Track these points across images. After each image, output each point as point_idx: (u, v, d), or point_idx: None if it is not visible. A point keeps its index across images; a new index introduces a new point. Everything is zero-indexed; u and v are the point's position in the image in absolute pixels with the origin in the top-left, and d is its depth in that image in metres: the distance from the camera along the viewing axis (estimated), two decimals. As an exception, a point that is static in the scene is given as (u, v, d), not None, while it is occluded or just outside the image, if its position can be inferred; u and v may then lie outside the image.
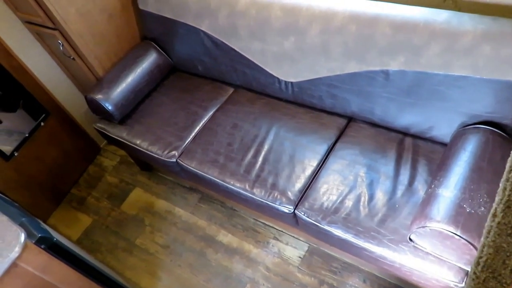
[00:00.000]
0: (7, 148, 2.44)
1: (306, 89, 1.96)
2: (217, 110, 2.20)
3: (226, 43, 2.08)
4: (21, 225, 1.50)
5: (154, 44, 2.41)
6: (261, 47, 1.98)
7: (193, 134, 2.13)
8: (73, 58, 2.29)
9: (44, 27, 2.19)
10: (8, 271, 1.32)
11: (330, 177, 1.77)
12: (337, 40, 1.75)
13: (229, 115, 2.13)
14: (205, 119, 2.18)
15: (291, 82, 1.99)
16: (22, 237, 1.36)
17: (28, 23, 2.28)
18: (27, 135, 2.52)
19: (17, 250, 1.33)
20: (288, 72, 1.97)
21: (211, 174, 1.94)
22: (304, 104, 2.06)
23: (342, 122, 1.96)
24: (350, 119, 1.97)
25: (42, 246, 1.48)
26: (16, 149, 2.48)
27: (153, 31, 2.39)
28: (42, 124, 2.57)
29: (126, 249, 2.43)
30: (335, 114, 1.99)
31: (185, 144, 2.10)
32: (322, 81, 1.87)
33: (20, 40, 2.34)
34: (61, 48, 2.24)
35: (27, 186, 2.57)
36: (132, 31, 2.45)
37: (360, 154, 1.79)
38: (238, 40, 2.03)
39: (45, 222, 2.71)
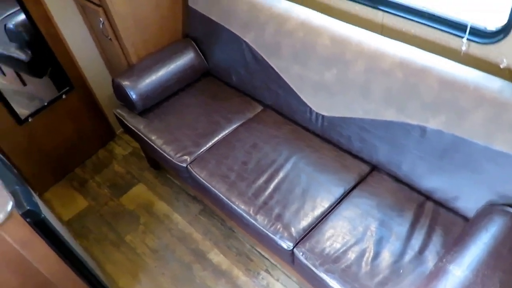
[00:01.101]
0: (24, 112, 2.51)
1: (337, 125, 1.95)
2: (240, 125, 2.21)
3: (266, 59, 2.10)
4: (13, 193, 1.52)
5: (194, 44, 2.45)
6: (300, 71, 1.99)
7: (210, 143, 2.14)
8: (110, 39, 2.36)
9: (89, 1, 2.27)
10: None
11: (339, 223, 1.74)
12: (380, 83, 1.74)
13: (251, 133, 2.14)
14: (227, 131, 2.19)
15: (323, 115, 1.98)
16: (10, 205, 1.37)
17: (76, -5, 2.37)
18: (45, 103, 2.59)
19: (0, 217, 1.34)
20: (322, 104, 1.97)
21: (218, 189, 1.94)
22: (330, 141, 2.04)
23: (365, 168, 1.93)
24: (374, 168, 1.94)
25: (28, 220, 1.49)
26: (32, 115, 2.54)
27: (196, 31, 2.43)
28: (63, 96, 2.63)
29: (114, 243, 2.44)
30: (360, 158, 1.96)
31: (199, 152, 2.11)
32: (355, 121, 1.86)
33: (63, 9, 2.42)
34: (101, 26, 2.31)
35: (32, 155, 2.63)
36: (175, 25, 2.50)
37: (376, 206, 1.76)
38: (279, 59, 2.05)
39: (41, 195, 2.76)
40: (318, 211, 1.79)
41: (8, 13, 2.32)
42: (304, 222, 1.76)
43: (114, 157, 2.94)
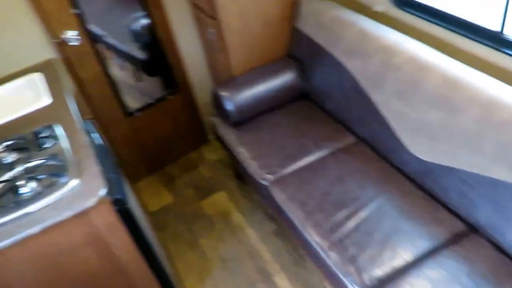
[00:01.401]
0: (134, 105, 2.70)
1: (434, 173, 1.78)
2: (329, 154, 2.13)
3: (367, 91, 2.00)
4: (108, 180, 1.62)
5: (296, 65, 2.42)
6: (401, 109, 1.86)
7: (295, 166, 2.09)
8: (218, 49, 2.42)
9: (205, 14, 2.36)
10: (78, 215, 1.44)
11: (420, 281, 1.57)
12: (493, 136, 1.55)
13: (339, 164, 2.05)
14: (314, 157, 2.12)
15: (420, 159, 1.82)
16: (103, 191, 1.46)
17: (194, 4, 2.48)
18: (152, 101, 2.75)
19: (93, 200, 1.43)
20: (421, 147, 1.81)
21: (295, 215, 1.88)
22: (424, 188, 1.87)
23: (461, 227, 1.73)
24: (471, 229, 1.73)
25: (116, 207, 1.58)
26: (139, 110, 2.73)
27: (299, 52, 2.41)
28: (168, 97, 2.77)
29: (189, 242, 2.50)
30: (456, 214, 1.77)
31: (283, 173, 2.08)
32: (456, 173, 1.68)
33: (181, 16, 2.57)
34: (211, 36, 2.38)
35: (133, 146, 2.81)
36: (280, 44, 2.50)
37: (467, 274, 1.56)
38: (380, 93, 1.94)
39: (134, 183, 2.92)
40: (398, 263, 1.64)
41: (135, 15, 2.51)
42: (379, 271, 1.63)
43: (202, 160, 3.02)
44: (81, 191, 1.46)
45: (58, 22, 2.21)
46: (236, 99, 2.29)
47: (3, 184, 1.51)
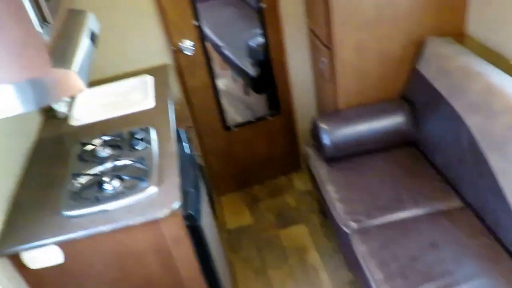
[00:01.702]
0: (236, 119, 2.77)
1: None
2: (426, 214, 1.90)
3: (486, 153, 1.74)
4: (185, 193, 1.62)
5: (408, 108, 2.23)
6: (525, 183, 1.58)
7: (384, 220, 1.90)
8: (327, 80, 2.33)
9: (320, 41, 2.29)
10: (148, 223, 1.45)
11: None
12: None
13: (436, 228, 1.81)
14: (408, 214, 1.91)
15: (537, 246, 1.53)
16: (177, 205, 1.45)
17: (311, 30, 2.43)
18: (253, 119, 2.76)
19: (165, 211, 1.44)
20: (542, 232, 1.51)
21: (372, 274, 1.70)
22: (536, 281, 1.56)
23: None
24: None
25: (186, 222, 1.56)
26: (238, 125, 2.74)
27: (415, 95, 2.21)
28: (268, 118, 2.75)
29: (257, 270, 2.42)
30: None
31: (369, 224, 1.90)
32: None
33: (296, 40, 2.54)
34: (322, 65, 2.30)
35: (226, 159, 2.83)
36: (395, 84, 2.33)
37: None
38: (502, 159, 1.67)
39: (219, 195, 2.94)
40: None
41: (254, 32, 2.54)
42: None
43: (291, 188, 2.93)
44: (156, 200, 1.47)
45: (179, 31, 2.31)
46: (335, 133, 2.17)
47: (91, 177, 1.59)
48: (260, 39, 2.53)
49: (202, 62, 2.44)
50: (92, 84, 2.29)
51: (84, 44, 1.37)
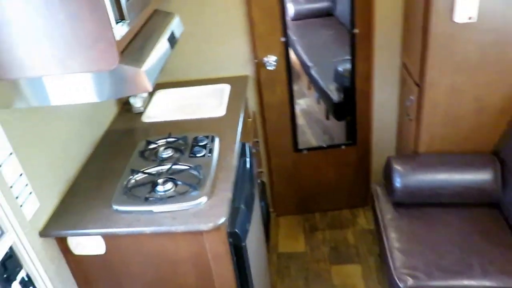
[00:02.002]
0: (310, 141, 2.72)
1: None
2: (497, 288, 1.66)
3: None
4: (235, 210, 1.57)
5: (497, 166, 1.98)
6: None
7: (445, 284, 1.70)
8: (411, 119, 2.16)
9: (411, 77, 2.13)
10: (191, 233, 1.42)
11: None
12: None
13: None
14: (473, 283, 1.69)
15: None
16: (222, 220, 1.41)
17: (403, 64, 2.28)
18: (325, 146, 2.65)
19: (209, 225, 1.40)
20: None
21: None
22: None
23: None
24: None
25: (230, 239, 1.52)
26: (309, 149, 2.66)
27: (509, 153, 1.96)
28: (342, 147, 2.63)
29: (299, 303, 2.30)
30: None
31: (426, 284, 1.71)
32: None
33: (386, 72, 2.40)
34: (409, 103, 2.14)
35: (290, 180, 2.76)
36: (487, 136, 2.09)
37: None
38: None
39: (277, 216, 2.86)
40: None
41: (343, 57, 2.45)
42: None
43: (353, 224, 2.77)
44: (203, 211, 1.43)
45: (265, 46, 2.30)
46: (409, 178, 2.00)
47: (147, 175, 1.60)
48: (348, 65, 2.43)
49: (283, 79, 2.40)
50: (172, 85, 2.35)
51: (161, 45, 1.38)
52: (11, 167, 1.32)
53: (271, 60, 2.32)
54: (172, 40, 1.48)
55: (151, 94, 2.28)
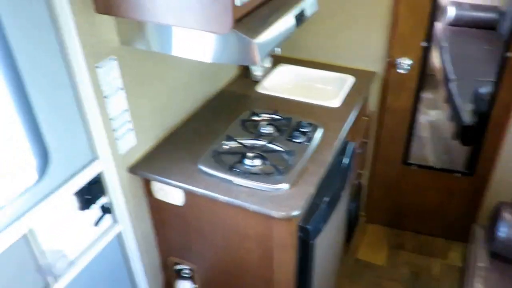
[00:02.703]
0: (425, 158, 2.49)
1: None
2: None
3: None
4: (314, 206, 1.48)
5: None
6: None
7: None
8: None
9: None
10: (262, 215, 1.38)
11: None
12: None
13: None
14: None
15: None
16: (295, 213, 1.35)
17: None
18: (436, 168, 2.38)
19: (280, 214, 1.34)
20: None
21: None
22: None
23: None
24: None
25: (300, 234, 1.45)
26: (419, 166, 2.42)
27: None
28: (457, 174, 2.33)
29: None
30: None
31: None
32: None
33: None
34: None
35: (390, 192, 2.55)
36: None
37: None
38: None
39: (365, 221, 2.69)
40: None
41: (488, 79, 2.12)
42: None
43: (443, 256, 2.47)
44: (280, 198, 1.38)
45: (402, 46, 2.08)
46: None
47: (240, 145, 1.57)
48: (489, 89, 2.09)
49: (412, 86, 2.16)
50: (297, 62, 2.27)
51: (285, 21, 1.30)
52: (118, 101, 1.39)
53: (404, 63, 2.09)
54: (300, 17, 1.39)
55: (273, 66, 2.22)
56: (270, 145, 1.57)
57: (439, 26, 2.87)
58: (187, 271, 1.79)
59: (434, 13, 1.96)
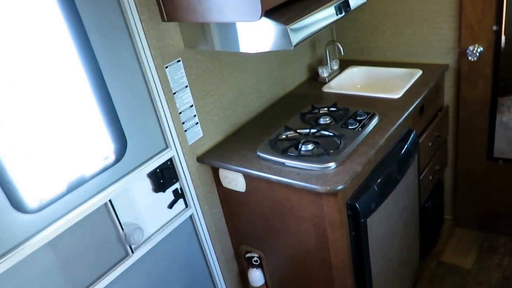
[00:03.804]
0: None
1: None
2: None
3: None
4: (364, 186, 1.55)
5: None
6: None
7: None
8: None
9: None
10: (311, 192, 1.46)
11: None
12: None
13: None
14: None
15: None
16: (339, 187, 1.39)
17: None
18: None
19: (324, 188, 1.40)
20: None
21: None
22: None
23: None
24: None
25: (349, 212, 1.50)
26: (507, 160, 2.23)
27: None
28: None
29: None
30: None
31: None
32: None
33: None
34: None
35: (476, 189, 2.39)
36: None
37: None
38: None
39: (453, 224, 2.54)
40: None
41: None
42: None
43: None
44: (327, 176, 1.45)
45: (472, 34, 2.00)
46: None
47: (297, 134, 1.67)
48: None
49: (487, 73, 2.05)
50: (367, 63, 2.32)
51: (325, 11, 1.39)
52: (184, 97, 1.60)
53: (474, 50, 2.01)
54: (342, 8, 1.47)
55: (343, 69, 2.29)
56: (324, 132, 1.64)
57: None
58: (256, 259, 1.90)
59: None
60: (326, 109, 1.83)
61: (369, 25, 2.30)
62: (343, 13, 1.48)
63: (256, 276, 1.94)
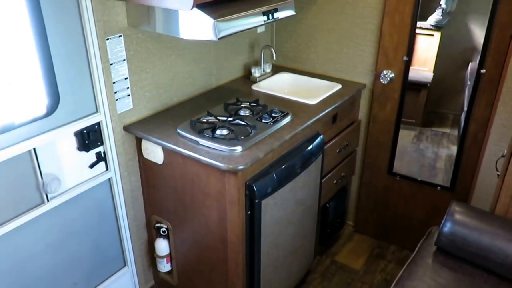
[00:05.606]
0: (411, 169, 2.68)
1: None
2: None
3: None
4: (265, 172, 1.86)
5: None
6: None
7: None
8: (498, 175, 2.00)
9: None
10: (216, 170, 1.76)
11: None
12: None
13: None
14: None
15: None
16: (239, 167, 1.71)
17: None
18: (419, 180, 2.60)
19: (226, 166, 1.70)
20: None
21: None
22: None
23: None
24: None
25: (246, 192, 1.81)
26: (402, 176, 2.65)
27: None
28: (438, 188, 2.54)
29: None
30: None
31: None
32: None
33: (509, 122, 2.20)
34: (501, 158, 1.99)
35: (375, 200, 2.81)
36: None
37: None
38: None
39: (354, 230, 2.96)
40: None
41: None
42: None
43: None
44: (232, 157, 1.75)
45: (387, 60, 2.41)
46: (459, 227, 1.87)
47: (216, 120, 1.97)
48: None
49: (395, 97, 2.46)
50: (297, 72, 2.69)
51: (255, 15, 1.72)
52: (121, 69, 1.86)
53: (386, 75, 2.41)
54: (270, 14, 1.80)
55: (274, 73, 2.63)
56: (239, 121, 1.95)
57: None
58: (164, 230, 2.16)
59: (414, 30, 2.28)
60: (248, 103, 2.15)
61: (304, 38, 2.67)
62: (270, 20, 1.81)
63: (162, 246, 2.20)
